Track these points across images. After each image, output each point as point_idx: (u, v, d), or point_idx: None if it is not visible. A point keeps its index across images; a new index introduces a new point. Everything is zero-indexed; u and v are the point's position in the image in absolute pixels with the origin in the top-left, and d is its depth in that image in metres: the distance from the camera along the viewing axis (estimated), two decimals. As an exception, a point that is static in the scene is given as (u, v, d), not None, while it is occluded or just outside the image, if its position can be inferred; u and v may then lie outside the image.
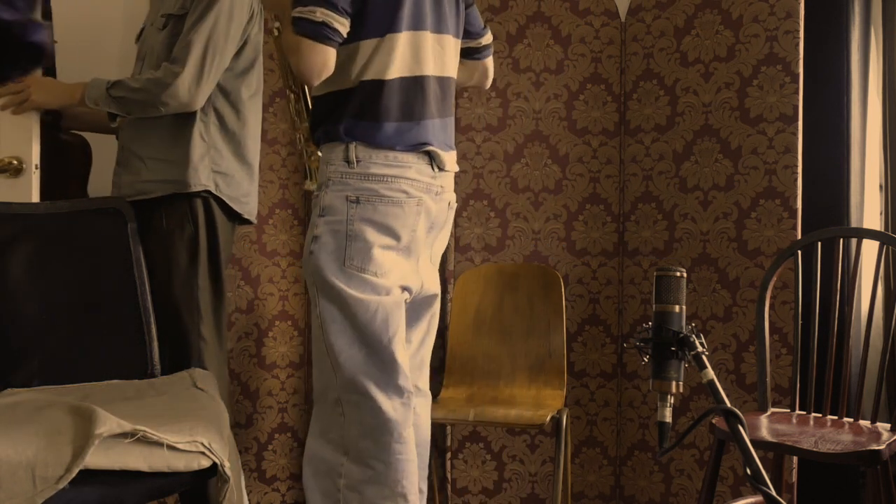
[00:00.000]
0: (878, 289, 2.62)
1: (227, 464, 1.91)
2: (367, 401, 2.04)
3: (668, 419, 1.56)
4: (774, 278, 2.42)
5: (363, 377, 2.03)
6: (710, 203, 2.74)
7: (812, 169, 2.71)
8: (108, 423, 1.78)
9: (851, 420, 2.27)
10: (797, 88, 2.63)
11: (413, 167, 2.05)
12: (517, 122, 2.91)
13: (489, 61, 2.34)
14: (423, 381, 2.25)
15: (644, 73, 2.85)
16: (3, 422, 1.81)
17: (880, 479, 2.01)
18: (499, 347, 2.80)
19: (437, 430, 2.88)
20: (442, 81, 2.14)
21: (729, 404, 1.49)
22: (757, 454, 1.46)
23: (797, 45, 2.63)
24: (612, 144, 2.88)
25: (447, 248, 2.88)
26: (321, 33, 1.93)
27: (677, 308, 1.58)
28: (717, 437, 2.17)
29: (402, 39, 2.04)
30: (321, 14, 1.92)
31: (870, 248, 2.52)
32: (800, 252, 2.40)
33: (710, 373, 1.52)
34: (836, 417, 2.29)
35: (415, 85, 2.07)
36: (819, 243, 2.38)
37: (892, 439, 2.02)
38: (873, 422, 2.24)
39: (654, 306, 1.60)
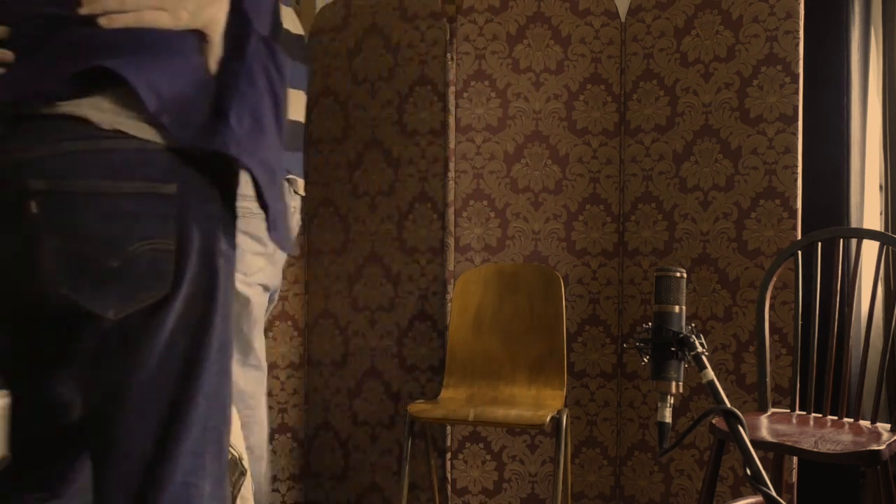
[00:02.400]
0: (878, 289, 2.62)
1: (245, 457, 1.93)
2: None
3: (668, 419, 1.56)
4: (774, 278, 2.42)
5: None
6: (710, 203, 2.74)
7: (812, 169, 2.71)
8: None
9: (851, 420, 2.27)
10: (797, 88, 2.63)
11: None
12: (517, 123, 2.91)
13: None
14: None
15: (644, 74, 2.85)
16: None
17: (880, 479, 2.01)
18: (499, 347, 2.80)
19: (437, 430, 2.88)
20: None
21: (729, 404, 1.49)
22: (757, 454, 1.46)
23: (797, 45, 2.63)
24: (612, 145, 2.88)
25: (447, 248, 2.88)
26: None
27: (677, 308, 1.58)
28: (717, 437, 2.17)
29: None
30: None
31: (870, 249, 2.52)
32: (800, 252, 2.40)
33: (710, 373, 1.52)
34: (836, 418, 2.29)
35: None
36: (819, 243, 2.38)
37: (892, 439, 2.02)
38: (873, 422, 2.24)
39: (654, 306, 1.60)
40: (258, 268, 2.40)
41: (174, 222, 1.07)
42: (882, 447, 1.95)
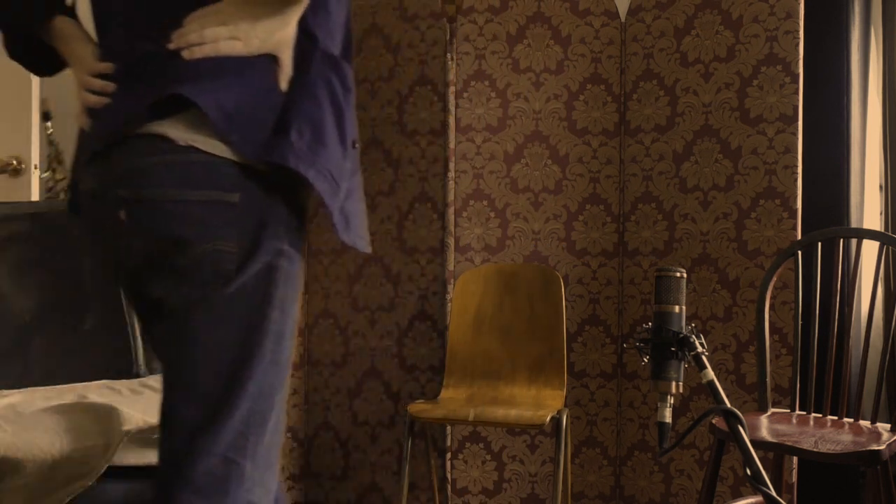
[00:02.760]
0: (878, 289, 2.62)
1: None
2: None
3: (668, 419, 1.56)
4: (774, 278, 2.42)
5: None
6: (710, 203, 2.74)
7: (812, 169, 2.71)
8: (134, 419, 1.80)
9: (851, 420, 2.27)
10: (797, 88, 2.63)
11: None
12: (517, 123, 2.91)
13: None
14: None
15: (644, 74, 2.85)
16: (18, 422, 1.81)
17: (880, 479, 2.01)
18: (499, 347, 2.80)
19: (437, 430, 2.88)
20: None
21: (729, 404, 1.49)
22: (757, 454, 1.46)
23: (797, 45, 2.63)
24: (612, 145, 2.88)
25: (447, 248, 2.89)
26: None
27: (677, 308, 1.58)
28: (717, 437, 2.17)
29: None
30: None
31: (870, 249, 2.52)
32: (800, 252, 2.40)
33: (710, 373, 1.53)
34: (836, 418, 2.29)
35: None
36: (819, 243, 2.38)
37: (892, 439, 2.02)
38: (873, 422, 2.24)
39: (654, 306, 1.60)
40: None
41: (237, 227, 1.23)
42: (882, 447, 1.95)
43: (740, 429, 1.47)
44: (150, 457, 1.84)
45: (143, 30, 1.28)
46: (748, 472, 1.43)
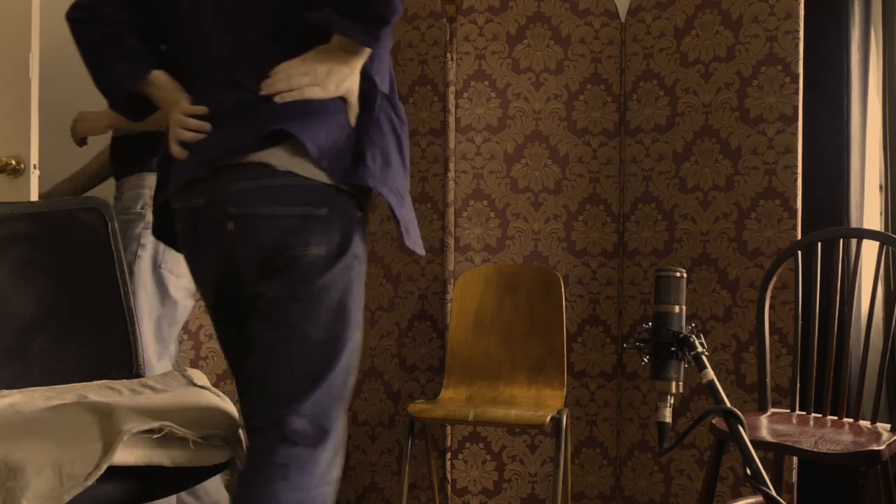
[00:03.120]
0: (878, 289, 2.62)
1: (245, 457, 1.93)
2: None
3: (668, 419, 1.56)
4: (774, 278, 2.42)
5: None
6: (710, 203, 2.74)
7: (812, 169, 2.71)
8: (134, 419, 1.80)
9: (851, 420, 2.27)
10: (797, 89, 2.63)
11: None
12: (517, 123, 2.91)
13: None
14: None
15: (644, 74, 2.85)
16: (18, 422, 1.81)
17: (880, 479, 2.01)
18: (499, 347, 2.80)
19: (437, 430, 2.88)
20: None
21: (729, 404, 1.49)
22: (757, 454, 1.46)
23: (797, 45, 2.63)
24: (612, 145, 2.88)
25: (447, 248, 2.88)
26: None
27: (677, 308, 1.58)
28: (717, 437, 2.17)
29: None
30: None
31: (870, 249, 2.52)
32: (800, 252, 2.40)
33: (710, 373, 1.53)
34: (836, 418, 2.29)
35: None
36: (819, 244, 2.38)
37: (892, 439, 2.02)
38: (873, 422, 2.24)
39: (654, 306, 1.60)
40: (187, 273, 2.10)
41: (324, 235, 1.55)
42: (882, 447, 1.95)
43: (740, 429, 1.48)
44: (150, 457, 1.84)
45: (235, 81, 1.61)
46: (748, 472, 1.43)
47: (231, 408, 2.10)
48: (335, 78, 1.57)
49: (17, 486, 1.64)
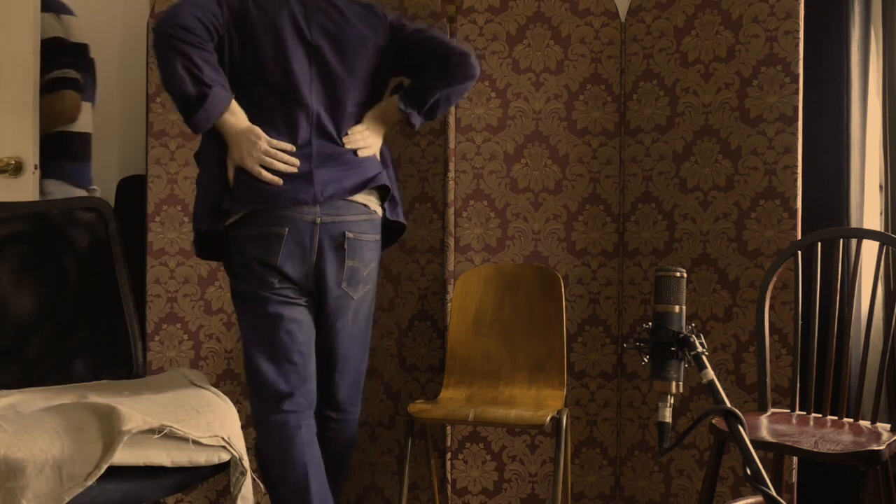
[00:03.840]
0: (878, 289, 2.62)
1: (245, 457, 1.94)
2: None
3: (668, 419, 1.56)
4: (774, 278, 2.42)
5: None
6: (710, 203, 2.74)
7: (812, 169, 2.71)
8: (134, 419, 1.80)
9: (851, 420, 2.27)
10: (797, 89, 2.63)
11: None
12: (517, 123, 2.91)
13: None
14: None
15: (644, 74, 2.85)
16: (18, 422, 1.81)
17: (880, 479, 2.01)
18: (499, 347, 2.80)
19: (437, 430, 2.88)
20: None
21: (729, 404, 1.49)
22: (757, 454, 1.46)
23: (797, 45, 2.63)
24: (612, 145, 2.88)
25: (447, 248, 2.89)
26: None
27: (677, 308, 1.58)
28: (717, 437, 2.17)
29: None
30: None
31: (870, 249, 2.52)
32: (800, 252, 2.40)
33: (710, 373, 1.53)
34: (836, 418, 2.30)
35: None
36: (819, 244, 2.38)
37: (892, 439, 2.02)
38: (873, 422, 2.24)
39: (654, 306, 1.60)
40: None
41: (378, 254, 2.31)
42: (882, 447, 1.95)
43: (740, 429, 1.48)
44: (150, 457, 1.84)
45: (326, 131, 2.22)
46: (748, 472, 1.43)
47: (231, 408, 2.10)
48: (377, 142, 2.31)
49: (17, 485, 1.64)
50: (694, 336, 1.55)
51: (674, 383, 1.56)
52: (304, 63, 2.19)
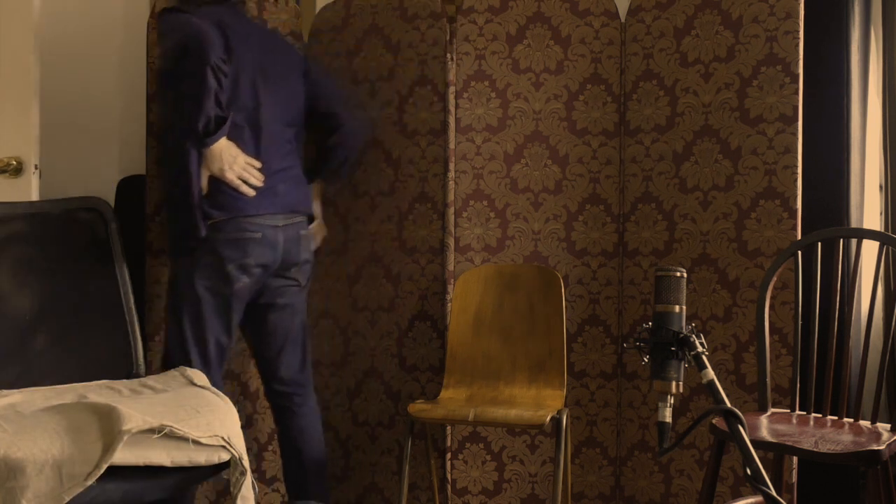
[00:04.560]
0: (878, 289, 2.62)
1: (245, 457, 1.94)
2: None
3: (668, 419, 1.56)
4: (774, 279, 2.42)
5: None
6: (710, 203, 2.74)
7: (812, 169, 2.71)
8: (134, 419, 1.80)
9: (851, 420, 2.27)
10: (797, 89, 2.63)
11: None
12: (517, 123, 2.91)
13: None
14: None
15: (644, 74, 2.85)
16: (18, 422, 1.81)
17: (880, 479, 2.01)
18: (499, 347, 2.80)
19: (437, 430, 2.88)
20: None
21: (729, 404, 1.49)
22: (757, 454, 1.46)
23: (797, 45, 2.63)
24: (611, 145, 2.88)
25: (447, 248, 2.89)
26: None
27: (677, 308, 1.58)
28: (717, 437, 2.17)
29: None
30: None
31: (870, 249, 2.52)
32: (800, 252, 2.40)
33: (710, 373, 1.53)
34: (836, 418, 2.29)
35: None
36: (819, 244, 2.38)
37: (892, 439, 2.02)
38: (873, 422, 2.24)
39: (654, 306, 1.60)
40: None
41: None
42: (882, 447, 1.95)
43: (740, 429, 1.48)
44: (150, 457, 1.84)
45: (288, 158, 2.65)
46: (748, 472, 1.43)
47: (231, 408, 2.10)
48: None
49: (17, 485, 1.65)
50: (694, 336, 1.55)
51: (674, 383, 1.56)
52: (266, 93, 2.57)
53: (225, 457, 1.95)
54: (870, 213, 2.89)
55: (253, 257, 2.48)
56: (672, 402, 1.57)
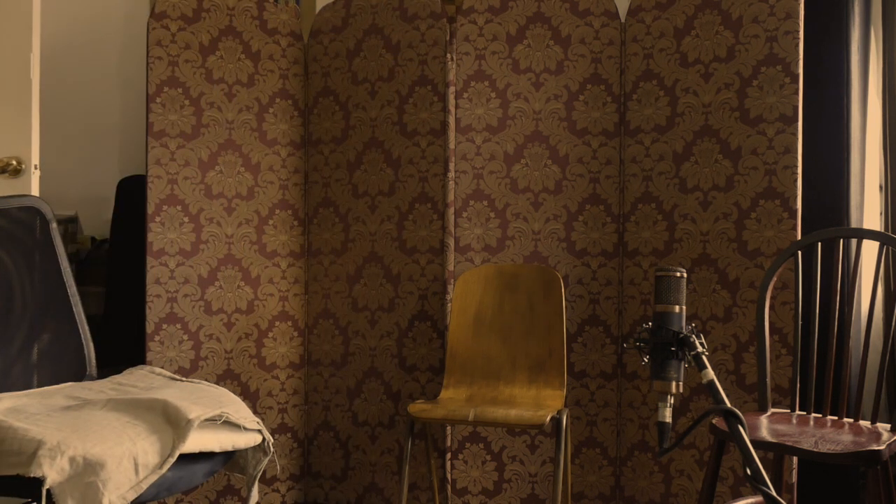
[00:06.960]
0: (878, 289, 2.62)
1: (271, 439, 2.08)
2: None
3: (668, 419, 1.56)
4: (774, 278, 2.42)
5: None
6: (710, 203, 2.74)
7: (812, 169, 2.71)
8: (195, 409, 1.90)
9: (851, 420, 2.27)
10: (797, 89, 2.63)
11: None
12: (517, 123, 2.91)
13: None
14: None
15: (644, 74, 2.85)
16: (68, 422, 1.84)
17: (880, 479, 2.01)
18: (499, 347, 2.80)
19: (437, 430, 2.88)
20: None
21: (729, 404, 1.49)
22: (757, 454, 1.46)
23: (797, 45, 2.63)
24: (611, 145, 2.88)
25: (447, 248, 2.88)
26: None
27: (677, 308, 1.58)
28: (717, 437, 2.17)
29: None
30: None
31: (870, 249, 2.52)
32: (800, 252, 2.40)
33: (710, 373, 1.53)
34: (836, 418, 2.29)
35: None
36: (819, 244, 2.38)
37: (892, 439, 2.02)
38: (873, 422, 2.24)
39: (654, 306, 1.60)
40: None
41: None
42: (882, 447, 1.95)
43: (740, 429, 1.48)
44: (205, 443, 1.98)
45: None
46: (748, 472, 1.43)
47: (235, 396, 2.21)
48: None
49: (98, 479, 1.71)
50: (694, 336, 1.55)
51: (674, 383, 1.56)
52: None
53: (258, 439, 2.04)
54: (870, 214, 2.89)
55: None
56: (672, 402, 1.57)
